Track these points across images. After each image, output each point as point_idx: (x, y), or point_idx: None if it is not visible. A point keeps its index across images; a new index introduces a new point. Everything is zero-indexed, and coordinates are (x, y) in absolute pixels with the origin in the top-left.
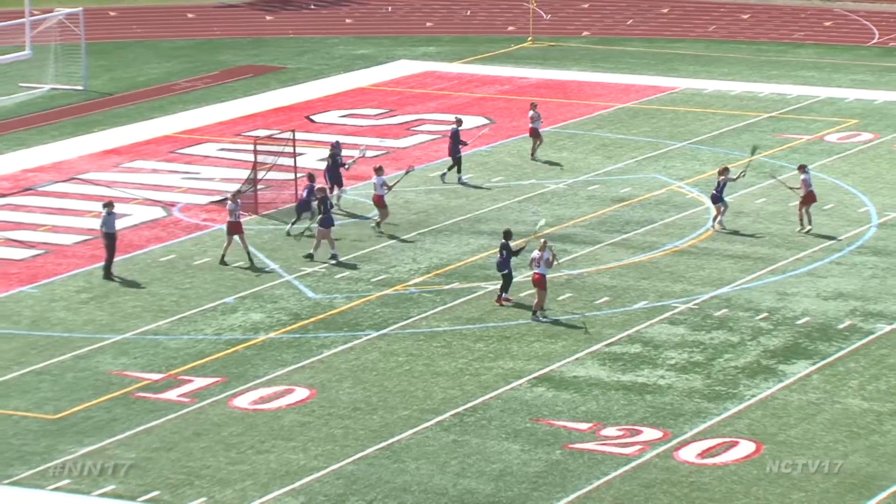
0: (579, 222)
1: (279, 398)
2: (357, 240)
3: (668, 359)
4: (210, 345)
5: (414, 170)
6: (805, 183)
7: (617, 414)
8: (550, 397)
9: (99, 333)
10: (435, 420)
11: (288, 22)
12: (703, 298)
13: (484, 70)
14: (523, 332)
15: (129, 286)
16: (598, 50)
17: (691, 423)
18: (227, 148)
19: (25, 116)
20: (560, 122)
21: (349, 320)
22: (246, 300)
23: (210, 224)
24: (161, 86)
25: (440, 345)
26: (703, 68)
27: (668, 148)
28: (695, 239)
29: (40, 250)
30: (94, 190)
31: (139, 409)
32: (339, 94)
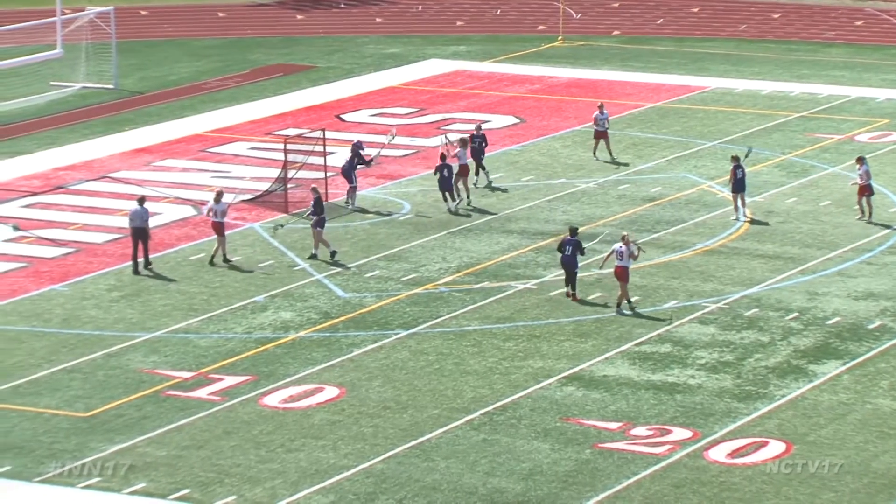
0: (609, 221)
1: (309, 397)
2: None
3: (699, 358)
4: (240, 343)
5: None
6: (866, 174)
7: (647, 413)
8: (580, 396)
9: (129, 331)
10: (465, 419)
11: (318, 21)
12: (734, 298)
13: (514, 69)
14: (553, 332)
15: (160, 284)
16: (628, 49)
17: (721, 422)
18: (258, 147)
19: (57, 115)
20: (590, 121)
21: (379, 319)
22: (276, 299)
23: (240, 223)
24: (191, 85)
25: (470, 344)
26: (733, 67)
27: (699, 147)
28: (725, 238)
29: (71, 249)
30: (125, 188)
31: (169, 407)
32: (369, 93)
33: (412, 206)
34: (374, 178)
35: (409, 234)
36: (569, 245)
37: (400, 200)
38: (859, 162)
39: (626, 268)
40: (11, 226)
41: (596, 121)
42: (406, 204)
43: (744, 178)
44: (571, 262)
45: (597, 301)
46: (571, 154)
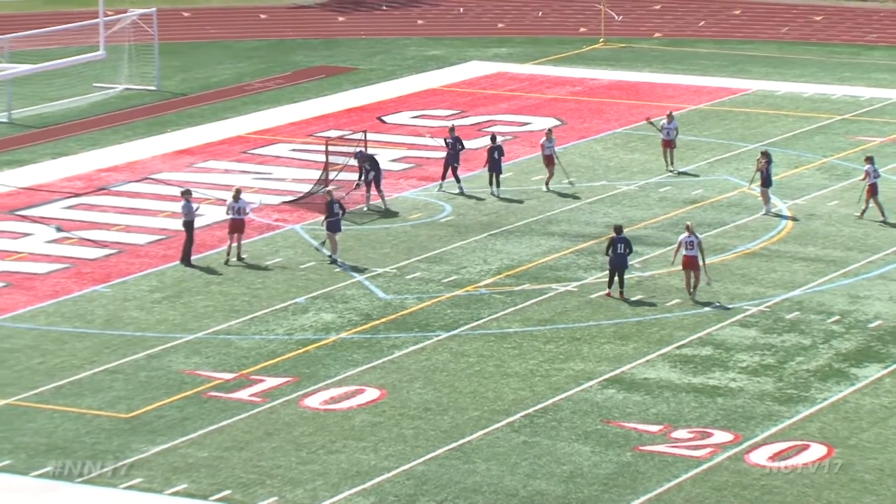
0: (651, 223)
1: (350, 398)
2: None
3: (740, 361)
4: (281, 345)
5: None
6: (867, 174)
7: (688, 416)
8: (621, 399)
9: (171, 333)
10: (505, 421)
11: (360, 23)
12: (775, 301)
13: (555, 71)
14: (594, 334)
15: (201, 286)
16: (669, 51)
17: (762, 425)
18: (299, 148)
19: (99, 116)
20: (632, 123)
21: (420, 321)
22: (317, 300)
23: (282, 224)
24: (234, 86)
25: (511, 346)
26: (775, 70)
27: (740, 150)
28: (766, 241)
29: (113, 250)
30: (167, 190)
31: (211, 408)
32: (410, 95)
33: (453, 207)
34: (415, 179)
35: (450, 236)
36: (620, 243)
37: (441, 202)
38: (868, 161)
39: (694, 257)
40: (54, 227)
41: (663, 129)
42: (447, 206)
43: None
44: (623, 261)
45: (638, 303)
46: (612, 156)
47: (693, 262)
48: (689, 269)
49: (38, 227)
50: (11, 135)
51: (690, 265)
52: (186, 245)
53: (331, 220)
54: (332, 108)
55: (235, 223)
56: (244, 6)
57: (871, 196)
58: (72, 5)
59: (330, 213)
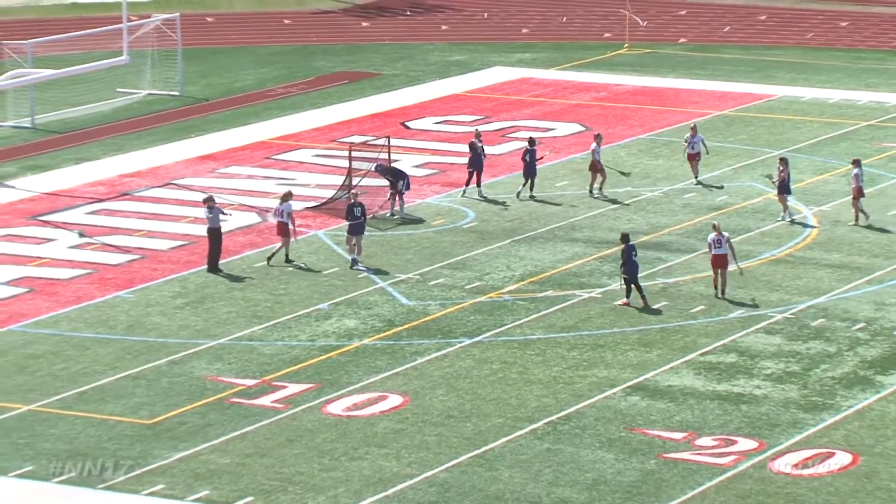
0: (675, 230)
1: (373, 405)
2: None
3: (764, 369)
4: (304, 351)
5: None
6: (856, 178)
7: (712, 424)
8: (645, 406)
9: (194, 339)
10: (528, 428)
11: (383, 28)
12: (800, 308)
13: (579, 77)
14: (617, 341)
15: (224, 292)
16: (694, 57)
17: (787, 433)
18: (322, 154)
19: (122, 122)
20: (656, 129)
21: (443, 327)
22: (340, 306)
23: (305, 230)
24: (257, 92)
25: (534, 353)
26: (800, 76)
27: (765, 156)
28: (791, 248)
29: (136, 255)
30: (190, 195)
31: (233, 414)
32: (434, 101)
33: (476, 213)
34: (438, 185)
35: (473, 243)
36: (633, 251)
37: (464, 208)
38: (855, 164)
39: (723, 255)
40: (77, 232)
41: (688, 143)
42: (470, 212)
43: (788, 180)
44: (637, 269)
45: (662, 310)
46: (637, 162)
47: (722, 260)
48: (718, 267)
49: (60, 232)
50: (34, 140)
51: (719, 264)
52: (212, 252)
53: (352, 223)
54: (356, 114)
55: (281, 227)
56: (268, 11)
57: (855, 199)
58: (95, 10)
59: (350, 216)
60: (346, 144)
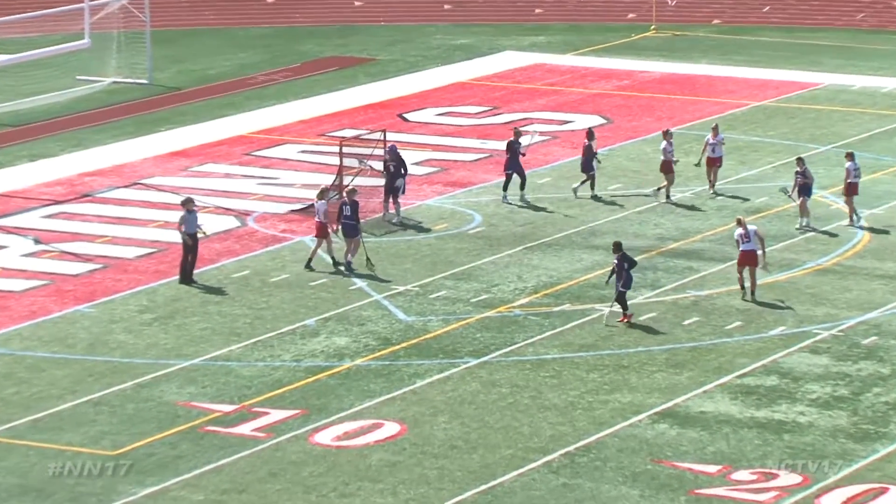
0: (708, 236)
1: (366, 434)
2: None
3: (809, 393)
4: (288, 373)
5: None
6: (848, 172)
7: (750, 455)
8: (674, 435)
9: (163, 359)
10: (542, 460)
11: (379, 7)
12: (850, 324)
13: (600, 63)
14: (643, 362)
15: (198, 306)
16: (729, 40)
17: (835, 466)
18: (310, 150)
19: (83, 113)
20: (686, 122)
21: (445, 346)
22: (329, 322)
23: (289, 236)
24: (235, 80)
25: (549, 375)
26: (849, 62)
27: (810, 152)
28: (840, 256)
29: (98, 264)
30: (159, 196)
31: (208, 444)
32: (435, 90)
33: (483, 217)
34: (441, 185)
35: (480, 250)
36: (625, 261)
37: (469, 211)
38: (848, 157)
39: (752, 251)
40: (31, 238)
41: (707, 145)
42: (476, 215)
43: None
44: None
45: (693, 326)
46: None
47: (751, 257)
48: (746, 264)
49: (13, 238)
50: None
51: (748, 260)
52: (185, 260)
53: (344, 223)
54: (347, 105)
55: (319, 227)
56: None
57: (848, 196)
58: None
59: (340, 216)
60: (337, 139)
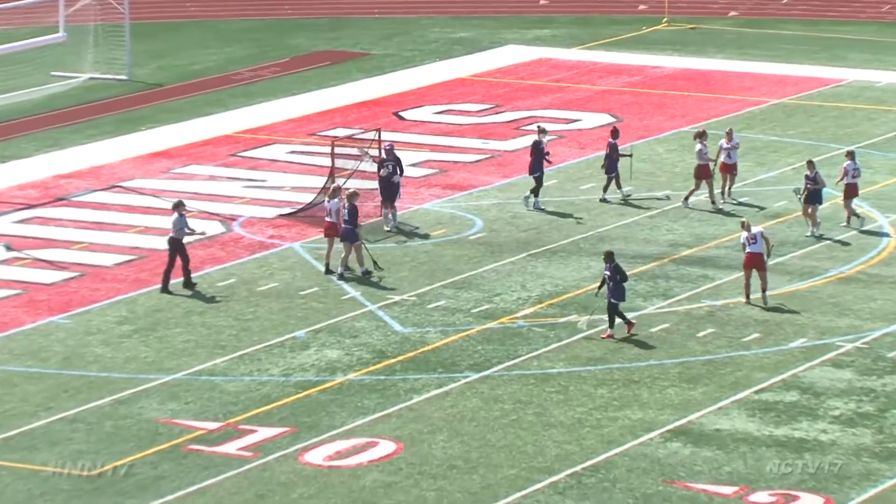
0: (723, 242)
1: (359, 453)
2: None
3: (832, 409)
4: (277, 388)
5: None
6: (845, 171)
7: (769, 476)
8: (688, 455)
9: (143, 373)
10: (547, 481)
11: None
12: (875, 336)
13: (609, 57)
14: (655, 376)
15: (180, 316)
16: (747, 34)
17: (859, 487)
18: (299, 151)
19: (58, 112)
20: (701, 120)
21: (444, 359)
22: (320, 334)
23: (278, 242)
24: (220, 75)
25: (554, 390)
26: (875, 56)
27: (833, 153)
28: (865, 263)
29: (74, 272)
30: (139, 200)
31: (191, 464)
32: (433, 86)
33: (485, 222)
34: (439, 188)
35: (481, 257)
36: (616, 273)
37: (470, 216)
38: (849, 156)
39: (759, 254)
40: (3, 245)
41: (721, 150)
42: (477, 220)
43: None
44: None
45: (708, 338)
46: (678, 160)
47: (758, 260)
48: (752, 267)
49: None
50: None
51: (754, 263)
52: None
53: (343, 228)
54: (339, 102)
55: (331, 227)
56: None
57: (847, 198)
58: None
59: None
60: (328, 139)
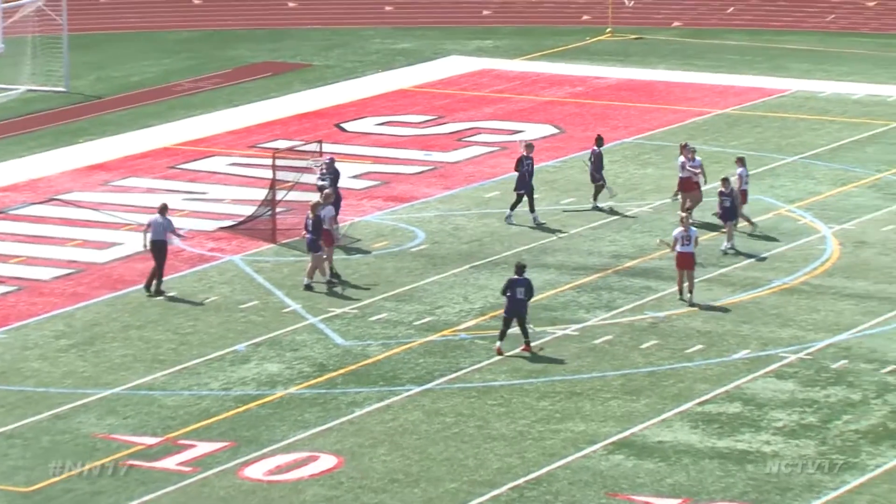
0: (667, 254)
1: (300, 467)
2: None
3: (775, 421)
4: (216, 402)
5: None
6: (740, 178)
7: (711, 488)
8: (630, 467)
9: (81, 388)
10: (489, 495)
11: (314, 9)
12: (818, 347)
13: (552, 68)
14: (597, 388)
15: (118, 330)
16: (690, 44)
17: (801, 498)
18: (240, 163)
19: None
20: (644, 131)
21: (385, 372)
22: (260, 348)
23: (218, 255)
24: (159, 87)
25: (496, 402)
26: (818, 66)
27: (776, 163)
28: (807, 274)
29: (11, 286)
30: (77, 213)
31: (130, 480)
32: (375, 98)
33: (427, 234)
34: (381, 199)
35: (423, 269)
36: (520, 286)
37: (412, 228)
38: (739, 163)
39: (690, 254)
40: None
41: (683, 167)
42: (419, 232)
43: (733, 206)
44: (522, 308)
45: (650, 350)
46: (621, 171)
47: (689, 259)
48: (684, 267)
49: None
50: None
51: (685, 263)
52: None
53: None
54: (280, 114)
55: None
56: None
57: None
58: None
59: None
60: (269, 151)
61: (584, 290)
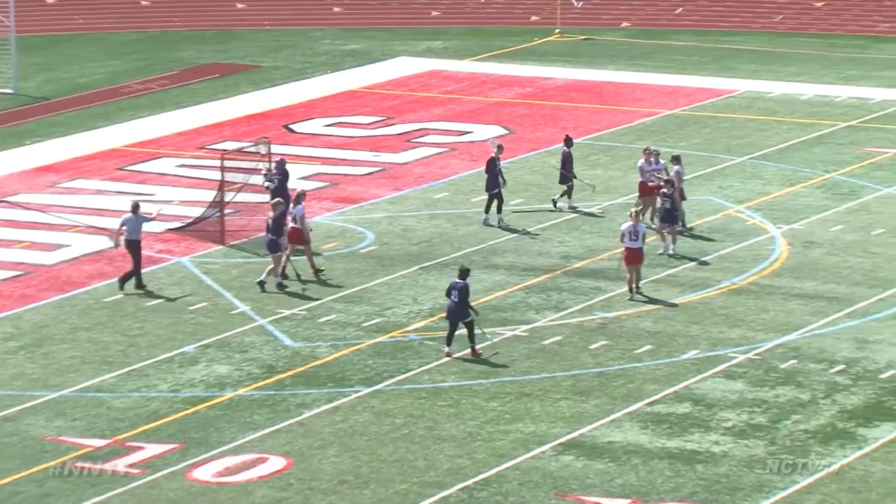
0: (615, 254)
1: (249, 469)
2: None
3: (724, 421)
4: (165, 404)
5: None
6: (678, 176)
7: (661, 488)
8: (580, 467)
9: (29, 390)
10: (439, 495)
11: (263, 10)
12: (766, 347)
13: (500, 69)
14: (547, 389)
15: (66, 332)
16: (639, 44)
17: (751, 499)
18: (188, 164)
19: None
20: (593, 132)
21: (335, 374)
22: (209, 349)
23: (166, 257)
24: (107, 88)
25: (446, 404)
26: (766, 67)
27: (725, 164)
28: (756, 274)
29: None
30: (24, 215)
31: (78, 482)
32: (324, 99)
33: (376, 235)
34: (330, 201)
35: (372, 271)
36: (454, 289)
37: (361, 229)
38: (674, 161)
39: (639, 249)
40: None
41: (642, 172)
42: (368, 233)
43: (673, 208)
44: (458, 313)
45: (599, 350)
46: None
47: (637, 255)
48: (633, 263)
49: None
50: None
51: (634, 259)
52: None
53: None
54: (229, 115)
55: (293, 233)
56: None
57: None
58: None
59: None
60: (218, 152)
61: (533, 291)
